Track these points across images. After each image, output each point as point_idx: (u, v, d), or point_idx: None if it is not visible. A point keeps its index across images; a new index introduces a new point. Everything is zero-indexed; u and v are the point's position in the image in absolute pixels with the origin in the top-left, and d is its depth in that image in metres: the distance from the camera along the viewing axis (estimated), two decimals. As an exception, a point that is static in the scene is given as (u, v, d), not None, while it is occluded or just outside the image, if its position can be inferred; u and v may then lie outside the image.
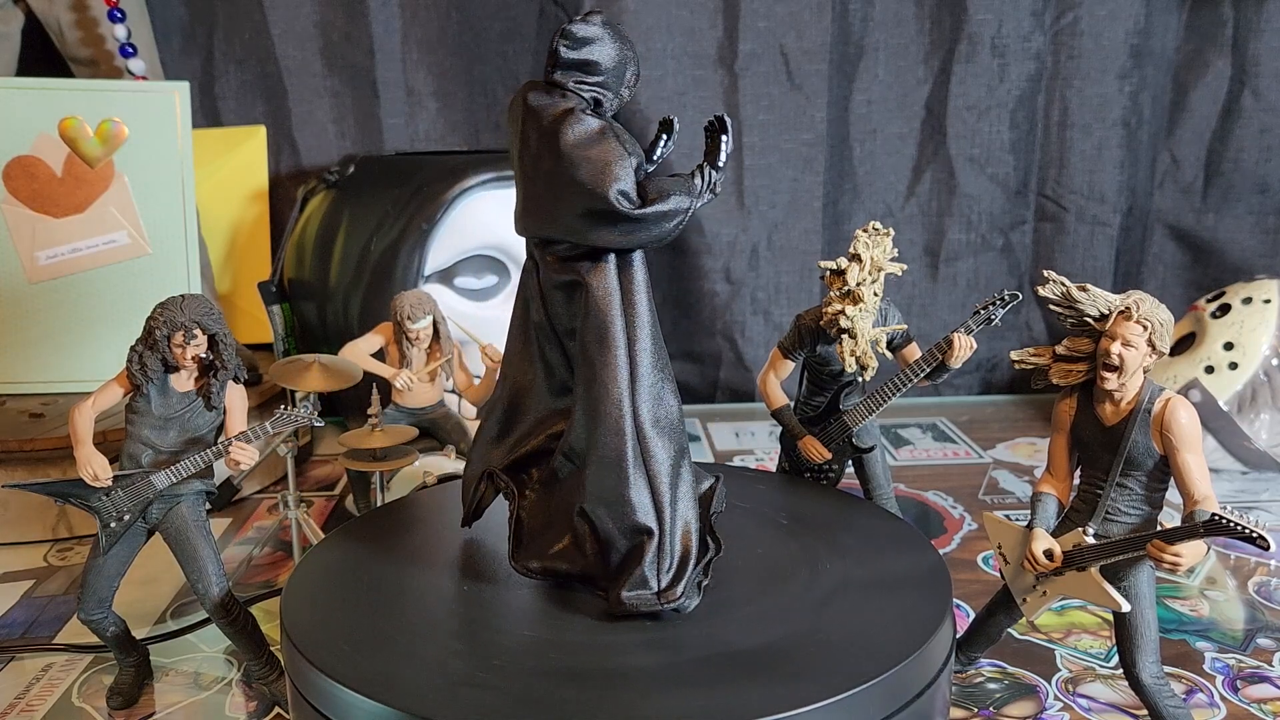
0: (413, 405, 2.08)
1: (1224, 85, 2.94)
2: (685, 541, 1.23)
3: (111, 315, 2.40)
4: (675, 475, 1.24)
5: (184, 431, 1.42)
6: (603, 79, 1.20)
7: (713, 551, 1.27)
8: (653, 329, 1.24)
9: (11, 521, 2.12)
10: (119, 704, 1.53)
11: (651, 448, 1.22)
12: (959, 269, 3.07)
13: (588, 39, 1.19)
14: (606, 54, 1.19)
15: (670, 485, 1.23)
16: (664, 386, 1.24)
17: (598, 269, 1.21)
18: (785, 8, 2.82)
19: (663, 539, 1.21)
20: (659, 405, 1.23)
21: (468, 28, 2.94)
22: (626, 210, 1.14)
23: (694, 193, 1.18)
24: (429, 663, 1.11)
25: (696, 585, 1.22)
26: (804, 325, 1.63)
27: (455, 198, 2.50)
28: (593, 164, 1.14)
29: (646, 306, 1.23)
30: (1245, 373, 2.37)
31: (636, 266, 1.23)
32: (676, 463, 1.24)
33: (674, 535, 1.22)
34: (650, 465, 1.22)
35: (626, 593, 1.19)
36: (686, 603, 1.20)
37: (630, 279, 1.22)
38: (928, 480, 2.43)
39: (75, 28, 2.63)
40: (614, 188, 1.14)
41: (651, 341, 1.23)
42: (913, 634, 1.14)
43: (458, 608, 1.25)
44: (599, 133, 1.16)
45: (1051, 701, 1.50)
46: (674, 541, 1.22)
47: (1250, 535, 1.12)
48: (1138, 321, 1.22)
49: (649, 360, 1.23)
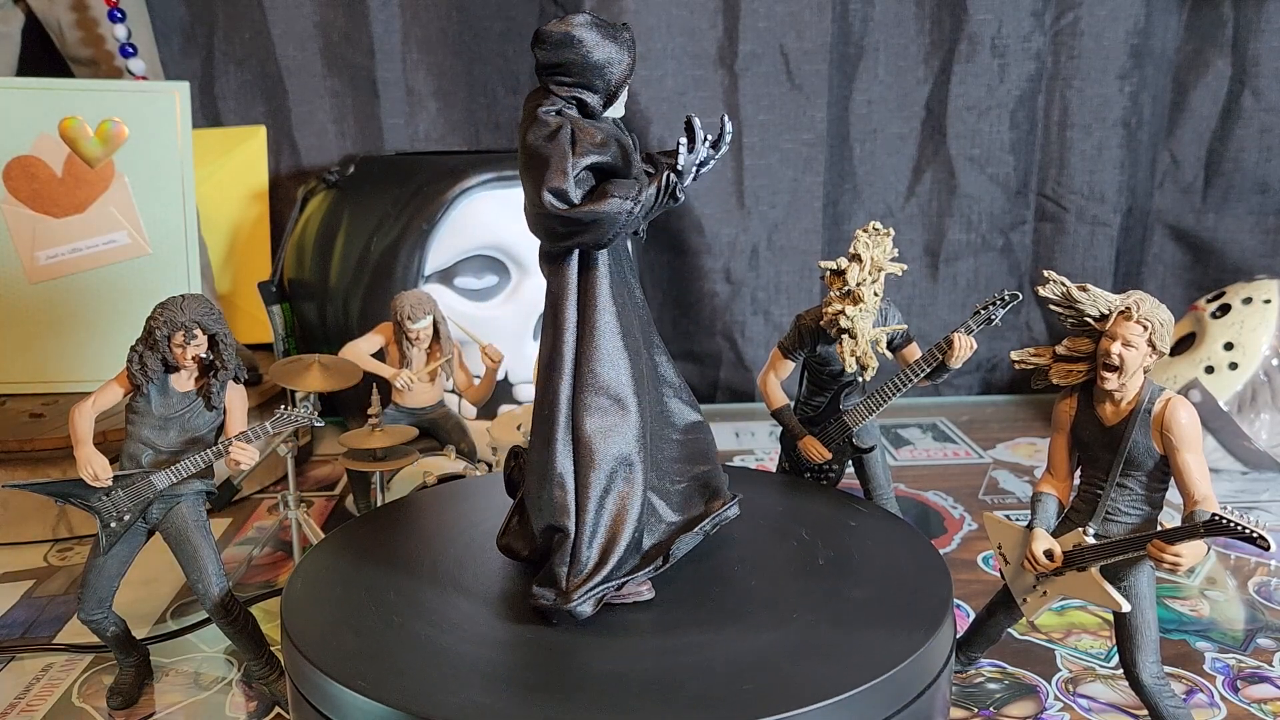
0: (413, 405, 2.08)
1: (1224, 85, 2.94)
2: (606, 549, 1.20)
3: (111, 315, 2.40)
4: (611, 483, 1.21)
5: (184, 431, 1.42)
6: (579, 79, 1.19)
7: (651, 567, 1.24)
8: (615, 333, 1.21)
9: (11, 521, 2.12)
10: (119, 704, 1.53)
11: (585, 452, 1.20)
12: (959, 269, 3.07)
13: (561, 41, 1.18)
14: (581, 54, 1.18)
15: (601, 492, 1.20)
16: (624, 395, 1.21)
17: (557, 268, 1.22)
18: (785, 8, 2.82)
19: (578, 541, 1.20)
20: (611, 414, 1.20)
21: (468, 28, 2.94)
22: (556, 209, 1.14)
23: (637, 197, 1.16)
24: (429, 662, 1.11)
25: (597, 598, 1.19)
26: (804, 325, 1.63)
27: (455, 198, 2.50)
28: (535, 163, 1.15)
29: (608, 309, 1.21)
30: (1245, 373, 2.37)
31: (599, 269, 1.21)
32: (621, 472, 1.21)
33: (592, 541, 1.20)
34: (579, 468, 1.20)
35: (536, 586, 1.21)
36: (580, 609, 1.18)
37: (590, 280, 1.21)
38: (928, 480, 2.43)
39: (75, 28, 2.63)
40: (546, 186, 1.14)
41: (608, 348, 1.21)
42: (913, 634, 1.14)
43: (458, 607, 1.24)
44: (551, 132, 1.16)
45: (1051, 702, 1.50)
46: (590, 548, 1.20)
47: (1250, 535, 1.12)
48: (1138, 321, 1.22)
49: (604, 366, 1.21)
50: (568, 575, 1.20)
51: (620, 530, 1.21)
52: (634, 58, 1.22)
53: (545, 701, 1.04)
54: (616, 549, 1.21)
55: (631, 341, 1.24)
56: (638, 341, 1.26)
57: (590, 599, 1.19)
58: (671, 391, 1.36)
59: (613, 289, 1.22)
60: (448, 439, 2.12)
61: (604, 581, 1.20)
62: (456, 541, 1.43)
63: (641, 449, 1.23)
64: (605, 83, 1.21)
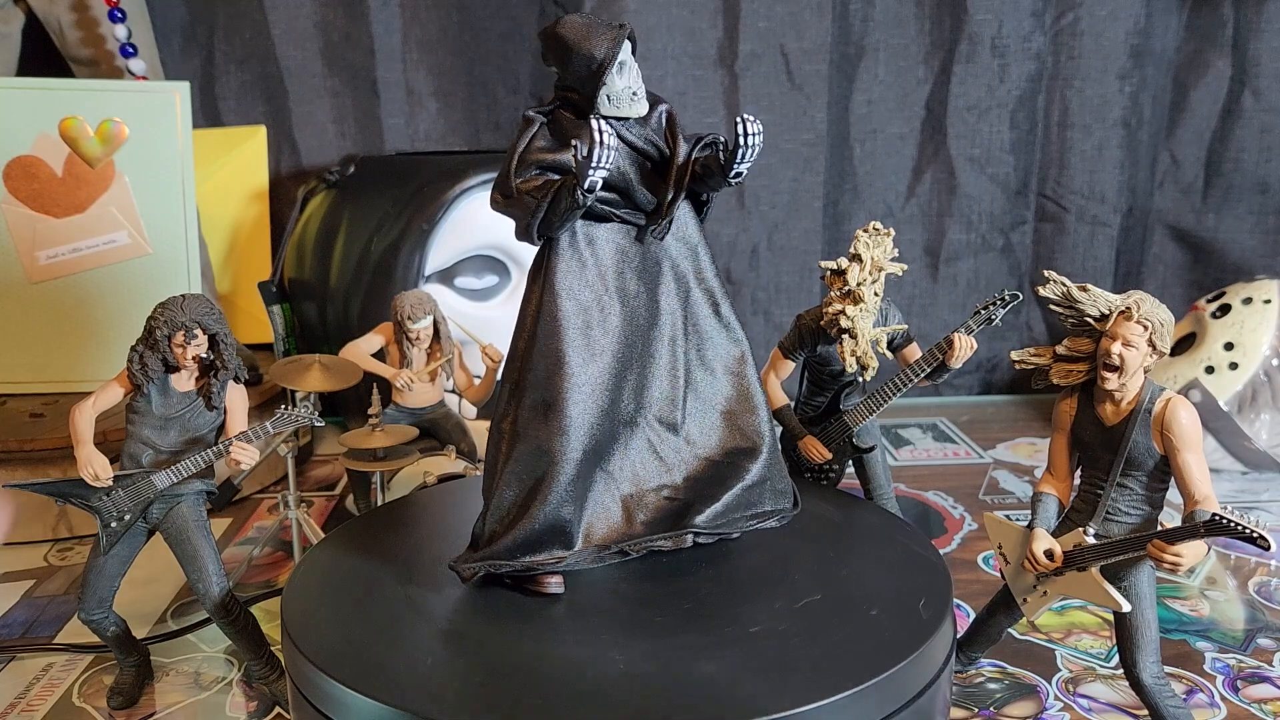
0: (413, 405, 2.08)
1: (1224, 85, 2.94)
2: (504, 530, 1.24)
3: (111, 315, 2.40)
4: (523, 471, 1.24)
5: (184, 431, 1.42)
6: (563, 77, 1.24)
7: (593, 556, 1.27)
8: (555, 336, 1.23)
9: (12, 521, 2.13)
10: (119, 704, 1.53)
11: (502, 441, 1.26)
12: (959, 269, 3.07)
13: (545, 41, 1.25)
14: (559, 56, 1.24)
15: (511, 477, 1.24)
16: (551, 397, 1.23)
17: (530, 271, 1.29)
18: (785, 8, 2.82)
19: (480, 517, 1.27)
20: (536, 411, 1.23)
21: (468, 28, 2.94)
22: (493, 199, 1.24)
23: (542, 198, 1.18)
24: (429, 662, 1.11)
25: (487, 572, 1.24)
26: (804, 325, 1.63)
27: (455, 198, 2.51)
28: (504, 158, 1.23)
29: (550, 315, 1.24)
30: (1245, 373, 2.37)
31: (554, 276, 1.24)
32: (535, 462, 1.24)
33: (489, 519, 1.26)
34: (496, 453, 1.27)
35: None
36: (463, 569, 1.24)
37: (542, 286, 1.25)
38: (928, 480, 2.43)
39: (76, 28, 2.63)
40: (497, 178, 1.23)
41: (542, 350, 1.23)
42: (913, 634, 1.14)
43: (458, 608, 1.24)
44: (520, 131, 1.24)
45: (1052, 701, 1.50)
46: (485, 524, 1.26)
47: (1251, 535, 1.12)
48: (1138, 321, 1.22)
49: (536, 367, 1.23)
50: (473, 543, 1.28)
51: (521, 517, 1.24)
52: (609, 52, 1.21)
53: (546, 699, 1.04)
54: (516, 532, 1.23)
55: (590, 345, 1.25)
56: (606, 345, 1.26)
57: (478, 570, 1.24)
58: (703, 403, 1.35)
59: (569, 296, 1.24)
60: (448, 439, 2.12)
61: (492, 559, 1.24)
62: (457, 541, 1.42)
63: (570, 446, 1.23)
64: (583, 79, 1.23)
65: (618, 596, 1.25)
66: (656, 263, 1.31)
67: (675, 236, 1.32)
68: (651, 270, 1.31)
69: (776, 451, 1.38)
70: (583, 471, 1.26)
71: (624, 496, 1.31)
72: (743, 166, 1.23)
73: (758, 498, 1.36)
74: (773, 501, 1.37)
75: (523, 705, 1.03)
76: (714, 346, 1.35)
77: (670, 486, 1.33)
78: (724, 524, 1.33)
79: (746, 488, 1.34)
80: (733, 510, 1.33)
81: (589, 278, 1.26)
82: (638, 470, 1.32)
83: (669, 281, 1.32)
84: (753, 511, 1.35)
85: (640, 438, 1.32)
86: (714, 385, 1.35)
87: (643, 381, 1.31)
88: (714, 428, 1.36)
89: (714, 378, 1.35)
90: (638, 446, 1.32)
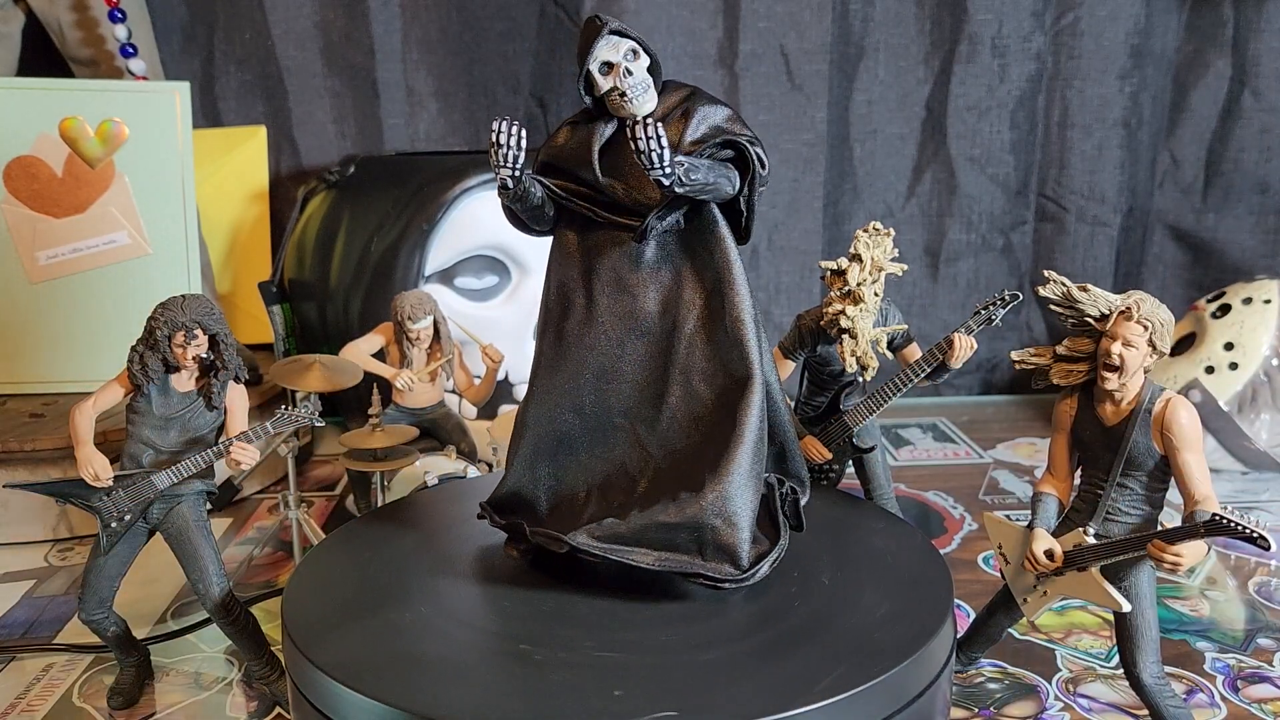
0: (413, 405, 2.08)
1: (1224, 85, 2.94)
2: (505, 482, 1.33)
3: (111, 315, 2.40)
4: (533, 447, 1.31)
5: (185, 431, 1.42)
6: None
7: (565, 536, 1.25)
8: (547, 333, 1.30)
9: (12, 521, 2.13)
10: (120, 704, 1.53)
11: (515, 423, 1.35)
12: (959, 269, 3.07)
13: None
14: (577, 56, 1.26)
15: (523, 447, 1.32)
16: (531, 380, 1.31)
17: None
18: (785, 8, 2.82)
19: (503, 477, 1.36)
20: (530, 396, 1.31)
21: (468, 28, 2.94)
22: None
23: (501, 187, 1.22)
24: (430, 662, 1.11)
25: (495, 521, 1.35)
26: (804, 325, 1.63)
27: (455, 198, 2.51)
28: None
29: (550, 290, 1.30)
30: (1245, 373, 2.37)
31: (550, 255, 1.32)
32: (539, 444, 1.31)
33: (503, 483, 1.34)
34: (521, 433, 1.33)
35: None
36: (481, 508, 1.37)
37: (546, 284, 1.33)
38: (928, 480, 2.43)
39: (76, 28, 2.63)
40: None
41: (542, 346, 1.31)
42: (913, 634, 1.14)
43: (458, 607, 1.25)
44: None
45: (1052, 701, 1.50)
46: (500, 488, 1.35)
47: (1251, 535, 1.12)
48: (1138, 322, 1.22)
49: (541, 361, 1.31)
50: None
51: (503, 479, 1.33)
52: (583, 45, 1.23)
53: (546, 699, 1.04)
54: (499, 490, 1.34)
55: (564, 334, 1.29)
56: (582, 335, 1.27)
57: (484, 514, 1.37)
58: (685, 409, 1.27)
59: (553, 285, 1.31)
60: (448, 439, 2.12)
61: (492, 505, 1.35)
62: (457, 541, 1.43)
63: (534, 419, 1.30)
64: (580, 83, 1.25)
65: (615, 592, 1.24)
66: (661, 267, 1.27)
67: (697, 244, 1.27)
68: (653, 273, 1.27)
69: (738, 502, 1.18)
70: (547, 449, 1.31)
71: (592, 486, 1.30)
72: (657, 174, 1.13)
73: (680, 540, 1.19)
74: (701, 558, 1.18)
75: (523, 704, 1.03)
76: (711, 360, 1.25)
77: (627, 491, 1.28)
78: (621, 551, 1.20)
79: (663, 525, 1.19)
80: (637, 542, 1.20)
81: (572, 272, 1.29)
82: (611, 465, 1.29)
83: (671, 287, 1.27)
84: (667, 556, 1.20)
85: (619, 434, 1.28)
86: (695, 401, 1.25)
87: (620, 378, 1.27)
88: (677, 444, 1.25)
89: (700, 392, 1.25)
90: (615, 442, 1.29)
